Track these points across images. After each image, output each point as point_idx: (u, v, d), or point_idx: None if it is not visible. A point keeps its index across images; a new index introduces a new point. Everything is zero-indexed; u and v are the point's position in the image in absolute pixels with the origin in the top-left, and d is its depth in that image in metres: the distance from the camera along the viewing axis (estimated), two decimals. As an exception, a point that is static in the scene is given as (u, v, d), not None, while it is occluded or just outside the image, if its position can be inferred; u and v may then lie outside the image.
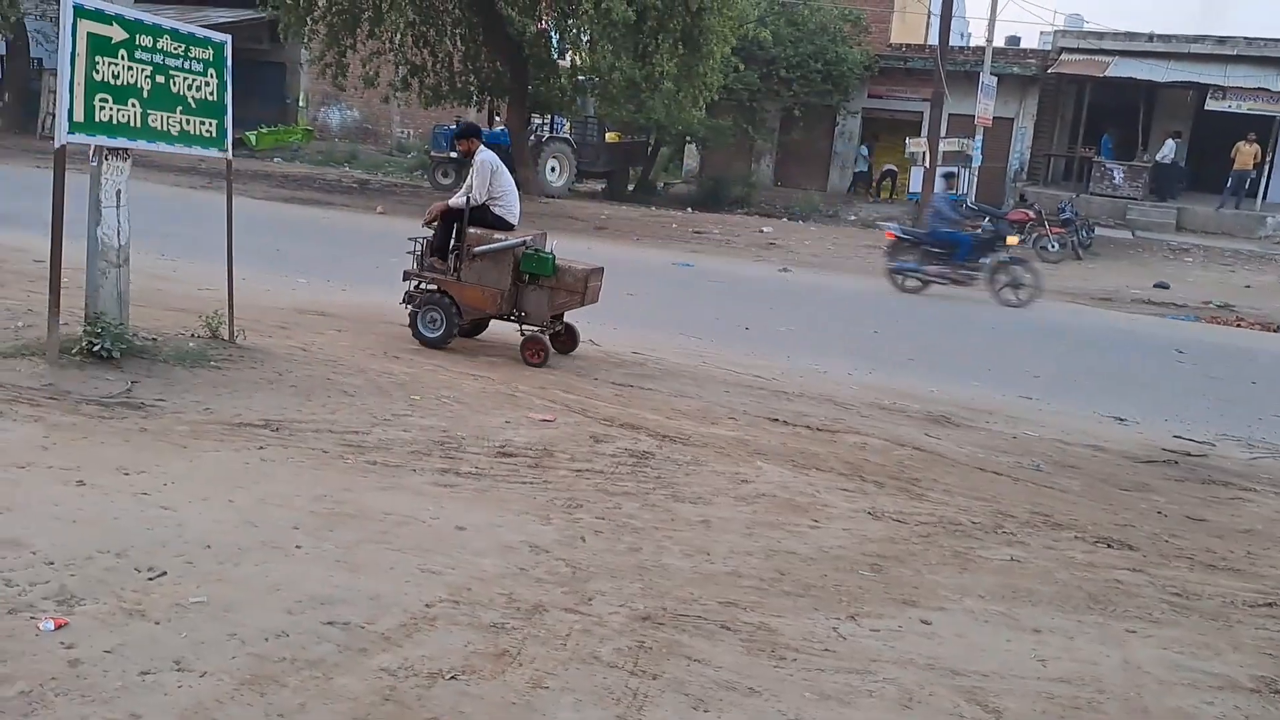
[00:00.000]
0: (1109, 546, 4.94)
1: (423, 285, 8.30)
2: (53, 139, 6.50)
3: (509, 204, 8.38)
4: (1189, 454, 7.09)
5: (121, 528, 4.14)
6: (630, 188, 28.88)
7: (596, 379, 7.53)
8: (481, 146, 8.39)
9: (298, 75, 34.64)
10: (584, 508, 4.77)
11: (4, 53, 30.61)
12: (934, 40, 28.10)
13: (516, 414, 6.37)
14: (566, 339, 8.29)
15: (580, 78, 23.25)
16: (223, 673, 3.09)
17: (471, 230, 8.06)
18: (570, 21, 20.62)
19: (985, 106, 21.43)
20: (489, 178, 8.20)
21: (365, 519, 4.41)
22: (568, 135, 26.53)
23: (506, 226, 8.32)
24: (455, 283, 8.03)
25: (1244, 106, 22.27)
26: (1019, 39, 31.78)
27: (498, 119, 26.37)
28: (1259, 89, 22.47)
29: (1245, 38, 24.12)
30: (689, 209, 25.35)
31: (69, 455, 4.97)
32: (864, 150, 29.54)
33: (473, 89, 24.41)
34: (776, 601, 3.93)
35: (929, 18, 26.00)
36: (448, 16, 23.35)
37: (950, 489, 5.63)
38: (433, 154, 25.76)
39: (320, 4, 22.11)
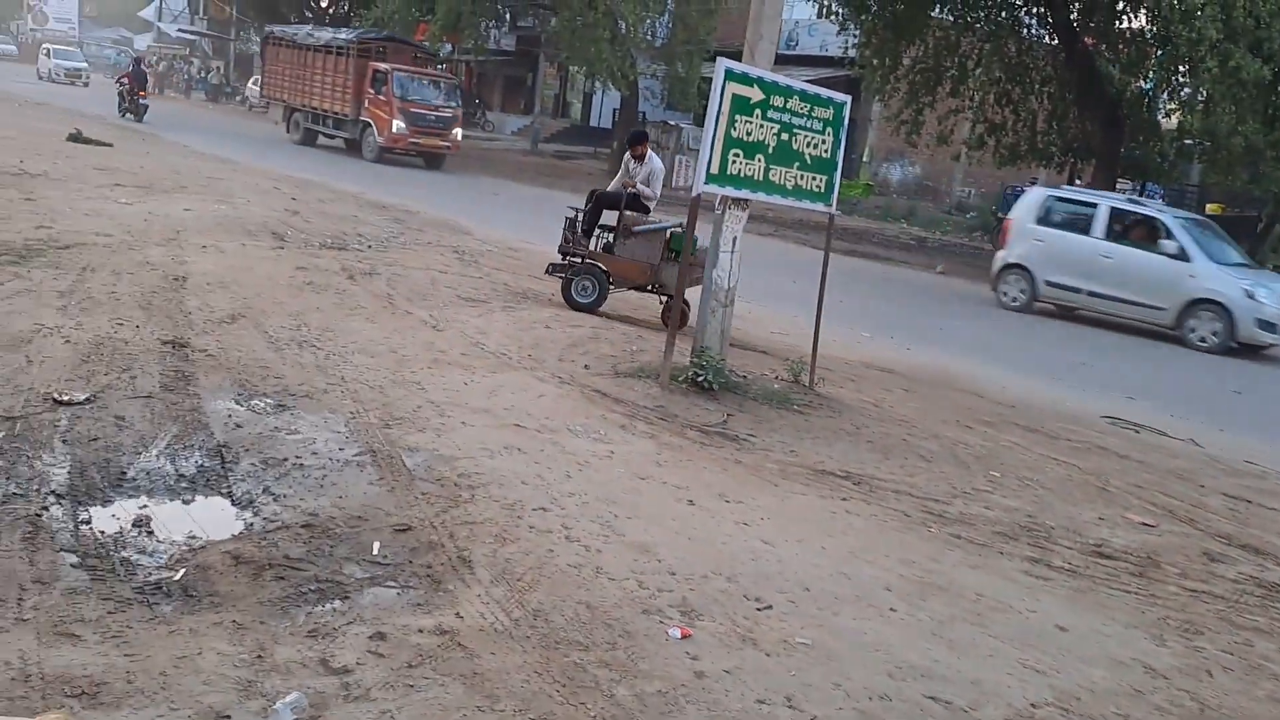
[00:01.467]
0: None
1: (569, 259, 9.77)
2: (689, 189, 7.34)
3: (656, 195, 10.13)
4: None
5: (729, 553, 4.49)
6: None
7: (1202, 486, 6.72)
8: (650, 150, 10.17)
9: (865, 131, 35.76)
10: (1205, 636, 4.24)
11: (618, 106, 35.44)
12: None
13: (1110, 511, 5.88)
14: (682, 315, 8.76)
15: (1186, 141, 21.16)
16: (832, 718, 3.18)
17: (628, 213, 9.60)
18: (1183, 79, 18.84)
19: None
20: (661, 178, 10.07)
21: (956, 595, 4.32)
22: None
23: (646, 211, 9.95)
24: (610, 257, 9.51)
25: None
26: None
27: (1078, 181, 24.98)
28: None
29: None
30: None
31: (678, 474, 5.52)
32: None
33: (1054, 149, 23.36)
34: None
35: None
36: (1037, 74, 22.64)
37: None
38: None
39: (904, 63, 22.65)
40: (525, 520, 4.59)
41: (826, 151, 7.73)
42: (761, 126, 7.23)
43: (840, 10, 21.96)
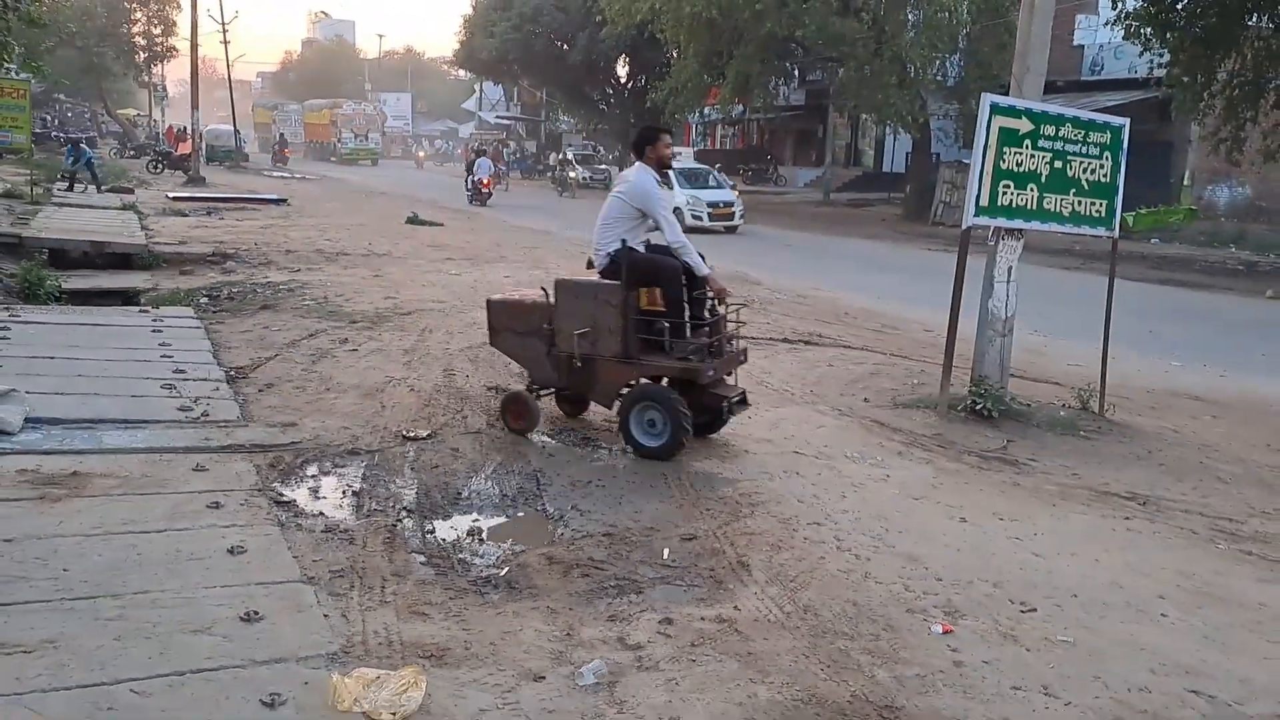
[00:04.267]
0: None
1: None
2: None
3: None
4: None
5: (997, 563, 4.66)
6: None
7: None
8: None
9: (1184, 153, 33.27)
10: None
11: (909, 150, 35.12)
12: None
13: None
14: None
15: None
16: (1085, 707, 3.35)
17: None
18: None
19: None
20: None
21: (1237, 605, 4.26)
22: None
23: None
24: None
25: None
26: None
27: None
28: None
29: None
30: None
31: (953, 495, 5.71)
32: None
33: None
34: None
35: None
36: (1379, 75, 20.37)
37: None
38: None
39: (1220, 79, 21.10)
40: (800, 533, 5.00)
41: (1105, 176, 7.64)
42: (1033, 156, 7.31)
43: (1144, 29, 20.88)
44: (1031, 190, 7.35)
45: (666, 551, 4.79)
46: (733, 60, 29.38)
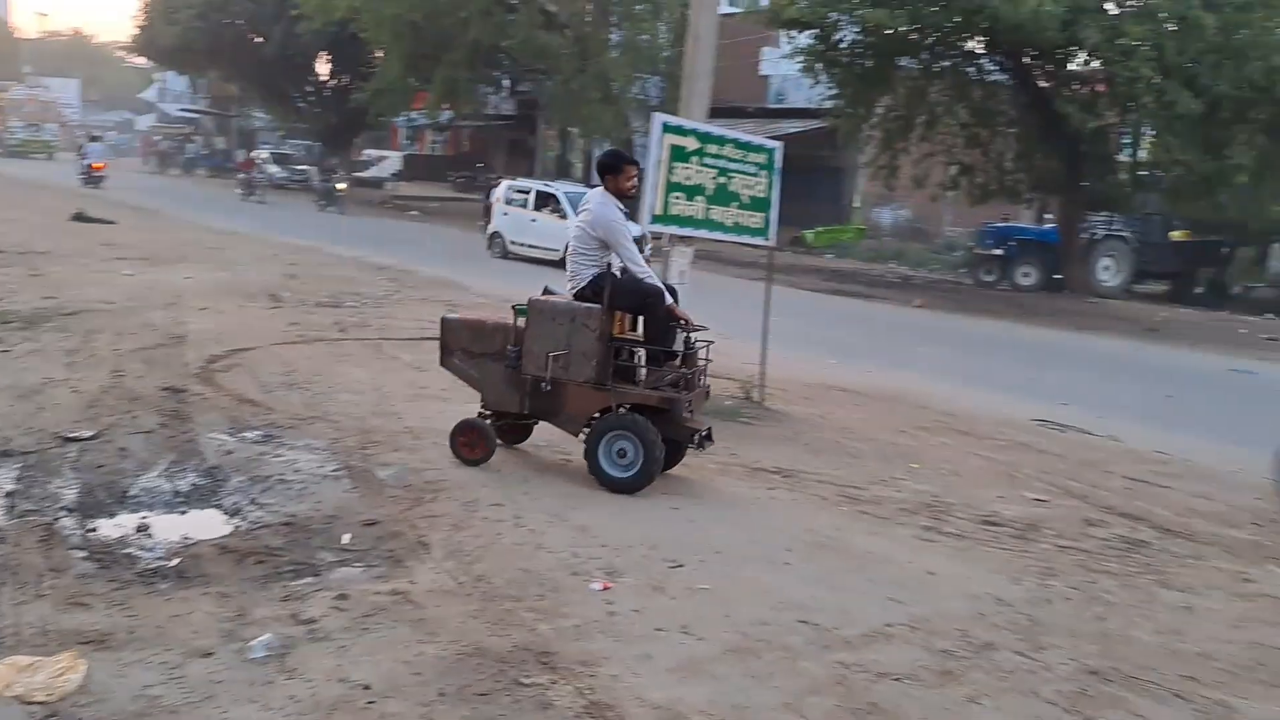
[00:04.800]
0: None
1: None
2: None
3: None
4: None
5: (657, 530, 5.16)
6: (1199, 290, 26.41)
7: (1109, 471, 7.37)
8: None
9: (854, 178, 36.81)
10: (1058, 577, 4.90)
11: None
12: None
13: (1012, 491, 6.55)
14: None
15: (1142, 174, 22.10)
16: (715, 640, 3.87)
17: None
18: (1131, 116, 19.83)
19: None
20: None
21: (847, 554, 5.00)
22: (1124, 233, 25.19)
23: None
24: None
25: None
26: None
27: (1047, 216, 25.87)
28: None
29: None
30: (1269, 315, 22.58)
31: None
32: None
33: (1023, 187, 24.30)
34: (1244, 686, 3.81)
35: None
36: (1001, 117, 23.64)
37: None
38: (976, 251, 25.94)
39: (878, 112, 23.68)
40: (480, 513, 5.27)
41: (763, 192, 8.51)
42: (700, 171, 8.02)
43: (815, 65, 23.00)
44: (699, 202, 8.05)
45: (347, 537, 4.90)
46: (440, 65, 29.35)
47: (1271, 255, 28.51)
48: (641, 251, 6.55)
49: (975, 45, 21.42)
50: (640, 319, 5.96)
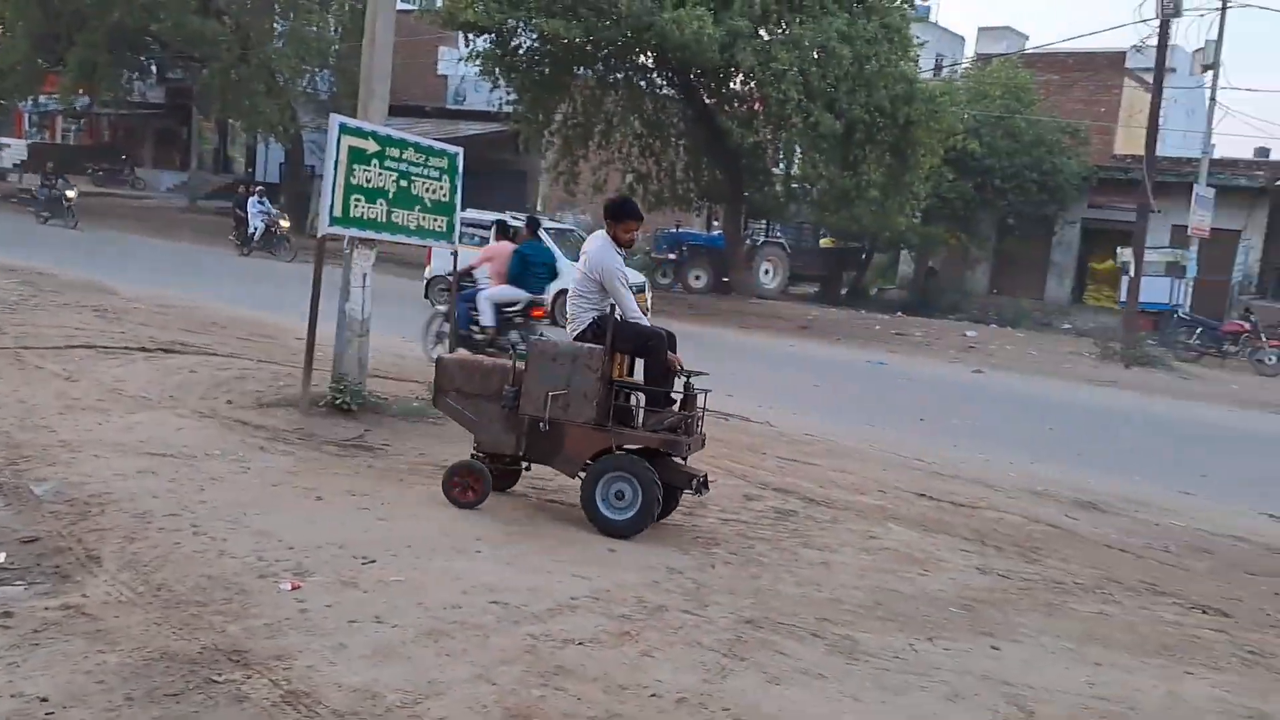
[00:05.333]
0: (1203, 612, 5.18)
1: None
2: (315, 235, 7.98)
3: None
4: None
5: (346, 529, 5.21)
6: (843, 291, 29.51)
7: (765, 453, 8.22)
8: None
9: (537, 182, 37.55)
10: (721, 546, 5.49)
11: (283, 160, 34.97)
12: (1165, 151, 27.42)
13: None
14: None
15: (794, 186, 24.35)
16: (408, 625, 4.02)
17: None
18: (782, 134, 21.83)
19: (1201, 218, 20.90)
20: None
21: (538, 538, 5.32)
22: (781, 240, 27.67)
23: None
24: None
25: None
26: (1269, 150, 30.48)
27: (715, 224, 27.84)
28: None
29: None
30: (898, 313, 25.65)
31: (311, 480, 6.16)
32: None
33: (693, 195, 25.97)
34: (866, 622, 4.53)
35: (1153, 129, 25.30)
36: (672, 129, 25.13)
37: (1068, 558, 5.97)
38: (652, 255, 27.42)
39: (557, 119, 24.40)
40: (155, 524, 5.06)
41: (445, 195, 8.66)
42: (381, 174, 8.03)
43: (494, 68, 23.29)
44: (381, 205, 8.06)
45: (3, 556, 4.56)
46: (75, 46, 26.73)
47: (901, 261, 32.42)
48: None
49: (647, 60, 22.63)
50: (639, 363, 5.99)
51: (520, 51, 22.51)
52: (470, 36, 23.07)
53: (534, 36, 21.64)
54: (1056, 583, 5.52)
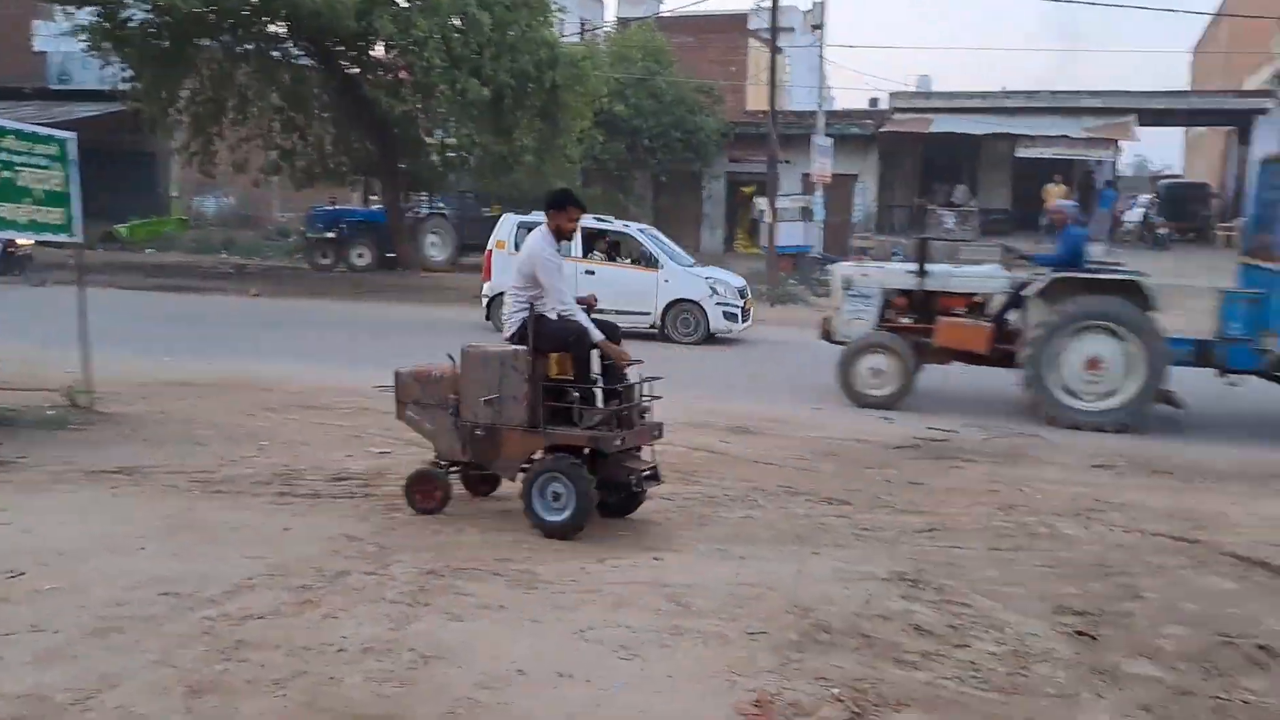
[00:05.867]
0: (829, 503, 6.02)
1: None
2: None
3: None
4: (934, 440, 8.28)
5: (-15, 548, 4.80)
6: (513, 259, 29.82)
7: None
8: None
9: (168, 165, 34.73)
10: (402, 510, 5.61)
11: None
12: (792, 106, 30.07)
13: (359, 450, 7.17)
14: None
15: (450, 155, 24.23)
16: (72, 628, 3.86)
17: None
18: (431, 101, 21.64)
19: (822, 165, 23.17)
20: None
21: (203, 530, 5.19)
22: (445, 211, 27.48)
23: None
24: None
25: (1049, 152, 24.54)
26: (877, 100, 34.09)
27: (373, 198, 27.16)
28: (1061, 136, 24.86)
29: (1050, 91, 26.69)
30: (576, 273, 26.37)
31: (-65, 505, 5.57)
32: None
33: (345, 169, 25.17)
34: (544, 556, 4.88)
35: (773, 86, 27.65)
36: (315, 101, 24.14)
37: (722, 476, 6.66)
38: (309, 235, 26.38)
39: (183, 96, 22.66)
40: None
41: (60, 185, 7.96)
42: (-20, 165, 7.28)
43: (103, 44, 21.21)
44: (-14, 198, 7.32)
45: None
46: None
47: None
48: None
49: (279, 29, 21.56)
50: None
51: (132, 24, 20.67)
52: (70, 9, 20.89)
53: (147, 7, 19.98)
54: (710, 498, 6.14)
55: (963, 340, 9.73)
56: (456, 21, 19.48)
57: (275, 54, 22.73)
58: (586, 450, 5.35)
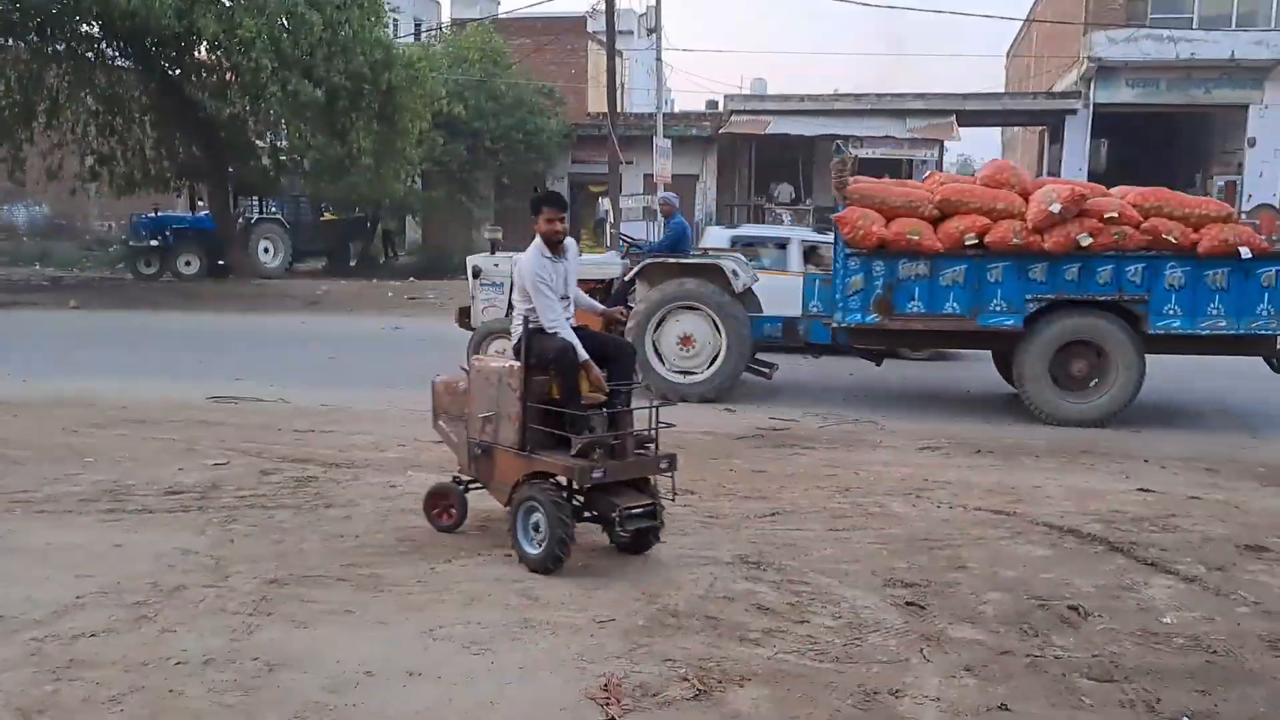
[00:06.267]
0: (674, 496, 6.18)
1: None
2: None
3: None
4: (776, 430, 8.60)
5: None
6: (353, 263, 29.14)
7: (280, 429, 8.13)
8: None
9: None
10: (239, 522, 5.47)
11: None
12: (633, 108, 30.39)
13: (192, 463, 6.92)
14: None
15: (282, 158, 23.49)
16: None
17: None
18: (261, 104, 20.90)
19: (662, 165, 23.54)
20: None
21: (26, 552, 4.94)
22: (279, 216, 26.60)
23: None
24: None
25: (877, 152, 25.65)
26: (716, 102, 34.75)
27: (200, 204, 26.03)
28: (886, 136, 26.05)
29: (877, 94, 27.89)
30: (411, 279, 25.97)
31: None
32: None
33: (169, 175, 24.07)
34: (392, 559, 4.87)
35: (615, 90, 27.91)
36: (134, 104, 23.00)
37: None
38: (131, 244, 25.12)
39: (-13, 99, 21.24)
40: None
41: None
42: None
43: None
44: None
45: None
46: None
47: (410, 227, 32.74)
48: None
49: (93, 29, 20.43)
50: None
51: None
52: None
53: (-60, 5, 18.64)
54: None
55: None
56: (284, 21, 18.91)
57: (89, 55, 21.52)
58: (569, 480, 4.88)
